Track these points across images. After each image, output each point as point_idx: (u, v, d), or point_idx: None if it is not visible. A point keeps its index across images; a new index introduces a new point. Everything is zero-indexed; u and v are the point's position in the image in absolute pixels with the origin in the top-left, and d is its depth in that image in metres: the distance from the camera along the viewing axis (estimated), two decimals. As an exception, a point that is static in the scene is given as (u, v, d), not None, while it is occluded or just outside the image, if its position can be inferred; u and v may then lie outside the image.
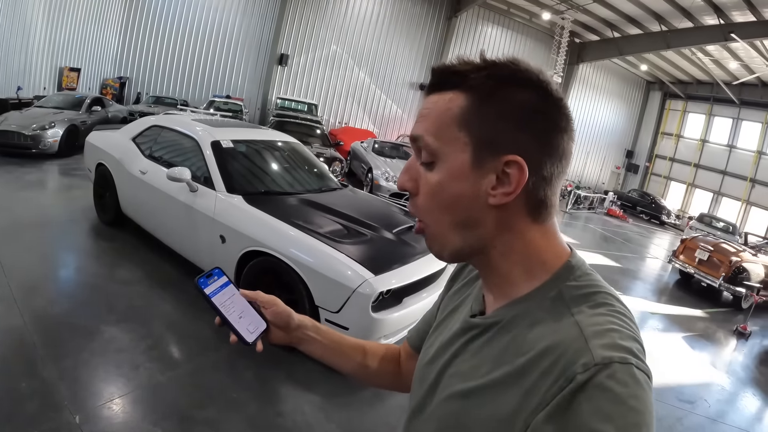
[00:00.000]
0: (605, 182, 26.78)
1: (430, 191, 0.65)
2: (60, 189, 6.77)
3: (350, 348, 0.99)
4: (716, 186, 23.20)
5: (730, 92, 21.09)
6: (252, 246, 3.22)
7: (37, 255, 4.22)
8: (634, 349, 0.55)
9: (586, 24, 20.49)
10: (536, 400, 0.55)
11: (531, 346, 0.59)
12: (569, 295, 0.63)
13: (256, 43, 18.86)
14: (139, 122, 5.20)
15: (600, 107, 25.70)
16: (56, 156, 8.36)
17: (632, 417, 0.49)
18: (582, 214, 16.82)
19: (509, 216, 0.64)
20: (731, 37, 14.55)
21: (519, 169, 0.61)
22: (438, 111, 0.64)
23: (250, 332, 0.86)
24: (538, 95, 0.62)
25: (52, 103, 9.70)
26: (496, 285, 0.69)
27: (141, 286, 3.91)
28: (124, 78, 16.98)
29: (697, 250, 8.89)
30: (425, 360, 0.80)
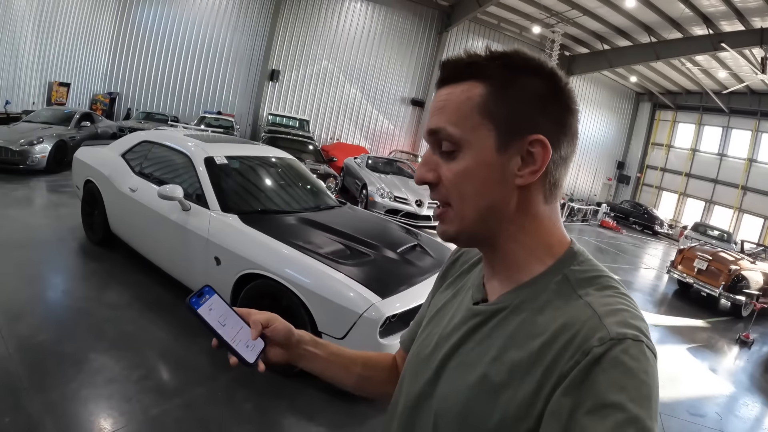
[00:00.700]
0: (597, 194, 26.82)
1: (455, 179, 0.66)
2: (48, 207, 6.56)
3: (349, 360, 0.96)
4: (708, 195, 23.36)
5: (720, 101, 21.31)
6: (249, 268, 3.06)
7: (23, 278, 4.02)
8: (643, 329, 0.58)
9: (576, 37, 20.65)
10: (555, 377, 0.57)
11: (544, 329, 0.61)
12: (574, 278, 0.65)
13: (247, 58, 18.83)
14: (129, 137, 5.04)
15: (590, 119, 25.84)
16: (44, 172, 8.17)
17: (644, 389, 0.53)
18: (576, 227, 16.81)
19: (528, 196, 0.67)
20: (721, 47, 14.68)
21: (543, 147, 0.64)
22: (457, 101, 0.66)
23: (249, 352, 0.81)
24: (550, 80, 0.65)
25: (40, 118, 9.53)
26: (503, 270, 0.71)
27: (131, 310, 3.72)
28: (114, 93, 16.84)
29: (695, 260, 8.90)
30: (423, 353, 0.78)
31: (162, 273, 4.07)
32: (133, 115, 16.02)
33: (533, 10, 18.66)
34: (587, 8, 17.39)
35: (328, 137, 20.24)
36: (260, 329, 0.83)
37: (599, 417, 0.51)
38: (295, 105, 19.78)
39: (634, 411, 0.51)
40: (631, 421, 0.50)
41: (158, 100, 17.97)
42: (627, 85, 25.78)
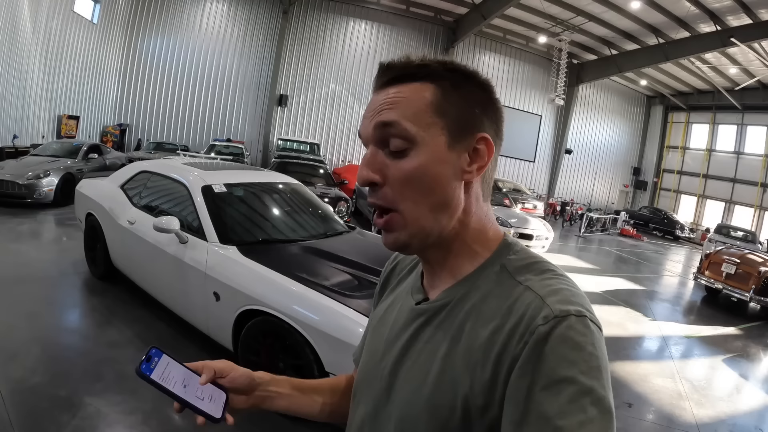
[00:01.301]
0: (614, 202, 26.46)
1: (406, 177, 0.66)
2: (53, 240, 6.48)
3: (312, 391, 0.95)
4: (727, 195, 22.96)
5: (732, 98, 21.01)
6: (249, 304, 2.84)
7: (22, 315, 3.87)
8: (585, 305, 0.60)
9: (583, 44, 20.51)
10: (508, 362, 0.58)
11: (490, 317, 0.63)
12: (512, 267, 0.68)
13: (254, 84, 19.00)
14: (128, 168, 4.92)
15: (603, 127, 25.61)
16: (52, 205, 8.15)
17: (593, 361, 0.55)
18: (596, 237, 16.41)
19: (471, 194, 0.70)
20: (731, 42, 14.41)
21: (487, 144, 0.69)
22: (410, 99, 0.67)
23: (214, 407, 0.78)
24: (487, 89, 0.71)
25: (48, 151, 9.58)
26: (444, 267, 0.72)
27: (131, 349, 3.53)
28: (124, 125, 17.02)
29: (723, 264, 8.59)
30: (371, 363, 0.78)
31: (164, 308, 3.90)
32: (144, 145, 16.12)
33: (538, 20, 18.56)
34: (592, 14, 17.26)
35: (339, 160, 20.21)
36: (212, 374, 0.80)
37: (554, 392, 0.53)
38: (305, 129, 19.84)
39: (586, 383, 0.53)
40: (585, 392, 0.53)
41: (168, 129, 18.13)
42: (637, 89, 25.50)
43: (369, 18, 20.00)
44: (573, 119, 23.80)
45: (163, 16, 17.41)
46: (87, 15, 14.32)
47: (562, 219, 19.00)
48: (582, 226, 16.14)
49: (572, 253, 12.11)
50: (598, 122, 25.38)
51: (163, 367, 0.77)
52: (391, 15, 20.12)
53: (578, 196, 24.67)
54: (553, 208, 20.39)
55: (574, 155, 24.61)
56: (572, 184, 25.44)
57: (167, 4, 17.41)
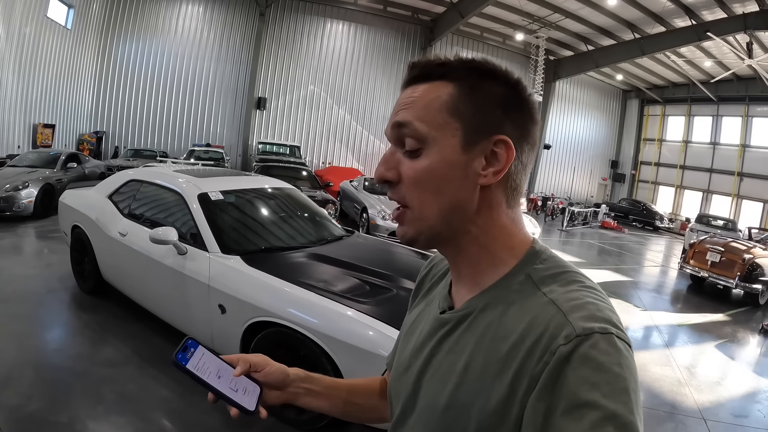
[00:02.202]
0: (594, 195, 26.84)
1: (417, 177, 0.66)
2: (36, 255, 6.24)
3: (346, 391, 0.95)
4: (704, 184, 23.39)
5: (707, 91, 21.40)
6: (258, 316, 2.73)
7: (10, 336, 3.69)
8: (613, 320, 0.57)
9: (560, 40, 20.71)
10: (526, 381, 0.55)
11: (510, 331, 0.60)
12: (537, 277, 0.65)
13: (232, 88, 18.75)
14: (116, 177, 4.73)
15: (580, 121, 25.92)
16: (32, 218, 7.88)
17: (618, 383, 0.51)
18: (578, 231, 16.64)
19: (490, 198, 0.67)
20: (707, 36, 14.68)
21: (507, 148, 0.65)
22: (426, 99, 0.66)
23: (248, 399, 0.78)
24: (515, 90, 0.67)
25: (25, 161, 9.28)
26: (467, 275, 0.71)
27: (131, 367, 3.39)
28: (100, 132, 16.63)
29: (707, 253, 8.84)
30: (400, 371, 0.78)
31: (160, 321, 3.76)
32: (121, 153, 15.78)
33: (516, 18, 18.67)
34: (569, 11, 17.41)
35: (320, 162, 20.09)
36: (246, 367, 0.81)
37: (575, 418, 0.50)
38: (284, 132, 19.65)
39: (610, 407, 0.49)
40: (609, 417, 0.49)
41: (146, 136, 17.77)
42: (613, 83, 25.88)
43: (346, 19, 19.88)
44: (551, 115, 24.04)
45: (138, 20, 17.03)
46: (61, 20, 13.91)
47: (544, 214, 19.18)
48: (564, 221, 16.33)
49: (556, 248, 12.20)
50: (576, 117, 25.68)
51: (198, 358, 0.77)
52: (369, 15, 20.03)
53: (558, 191, 24.98)
54: (535, 203, 20.57)
55: (553, 150, 24.83)
56: (552, 179, 25.70)
57: (142, 8, 17.04)
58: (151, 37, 17.32)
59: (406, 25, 20.62)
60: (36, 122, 13.31)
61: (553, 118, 24.45)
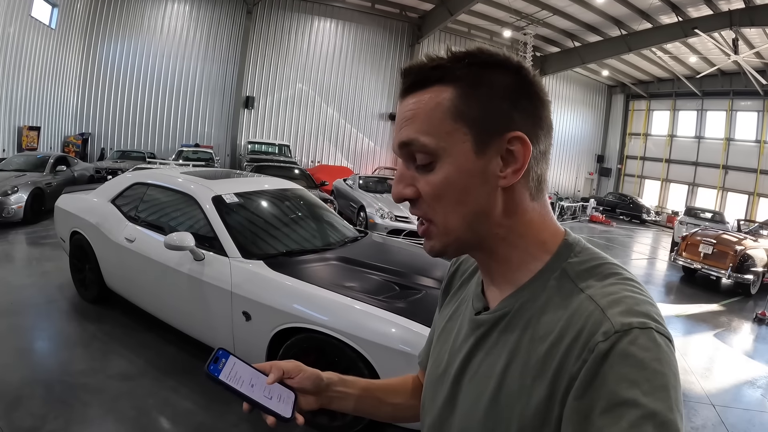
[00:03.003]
0: (580, 190, 27.09)
1: (435, 191, 0.63)
2: (31, 262, 6.02)
3: (381, 392, 0.93)
4: (690, 178, 23.74)
5: (692, 86, 21.69)
6: (288, 322, 2.62)
7: (14, 352, 3.51)
8: (652, 314, 0.55)
9: (547, 37, 20.80)
10: (566, 380, 0.54)
11: (549, 330, 0.59)
12: (573, 271, 0.62)
13: (219, 88, 18.48)
14: (117, 181, 4.57)
15: (566, 117, 26.11)
16: (22, 223, 7.61)
17: (658, 380, 0.50)
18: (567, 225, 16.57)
19: (514, 196, 0.64)
20: (693, 32, 14.84)
21: (522, 144, 0.61)
22: (426, 109, 0.62)
23: (284, 407, 0.77)
24: (518, 74, 0.63)
25: (12, 165, 8.98)
26: (500, 274, 0.68)
27: (147, 379, 3.24)
28: (86, 134, 16.26)
29: (700, 245, 9.01)
30: (437, 373, 0.76)
31: (171, 329, 3.61)
32: (108, 155, 15.45)
33: (503, 15, 18.68)
34: (557, 7, 17.49)
35: (309, 160, 19.92)
36: (280, 374, 0.80)
37: (614, 417, 0.49)
38: (273, 131, 19.44)
39: (650, 405, 0.48)
40: (648, 416, 0.48)
41: (132, 137, 17.43)
42: (599, 79, 26.12)
43: (334, 16, 19.72)
44: (538, 111, 24.12)
45: (123, 20, 16.65)
46: (45, 20, 13.51)
47: (533, 209, 19.25)
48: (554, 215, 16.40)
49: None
50: (562, 113, 25.84)
51: (230, 368, 0.77)
52: (356, 13, 19.90)
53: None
54: (523, 198, 20.62)
55: (541, 146, 24.94)
56: (540, 174, 25.80)
57: (127, 7, 16.65)
58: (137, 37, 16.96)
59: (394, 23, 20.53)
60: (21, 124, 12.94)
61: (540, 114, 24.54)
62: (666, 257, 12.20)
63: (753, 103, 20.95)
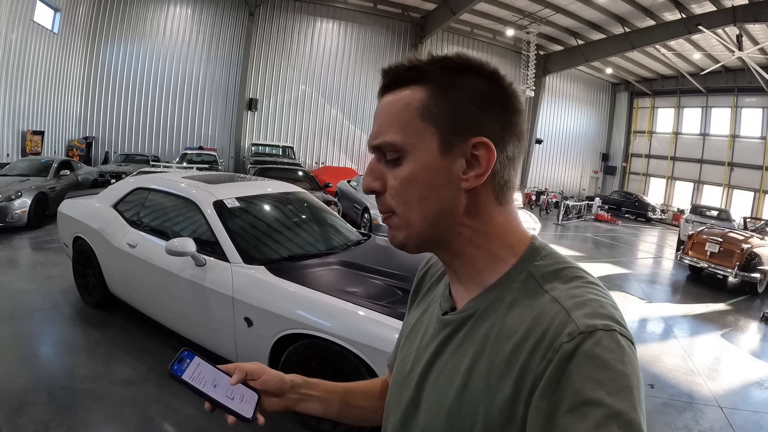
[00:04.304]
0: (585, 188, 27.01)
1: (400, 185, 0.65)
2: (34, 267, 6.03)
3: (348, 395, 0.94)
4: (695, 175, 23.59)
5: (696, 82, 21.55)
6: (290, 328, 2.60)
7: (17, 358, 3.52)
8: (616, 317, 0.56)
9: (550, 35, 20.72)
10: (530, 380, 0.55)
11: (514, 330, 0.59)
12: (539, 274, 0.64)
13: (223, 90, 18.50)
14: (119, 186, 4.57)
15: (571, 115, 26.02)
16: (26, 228, 7.65)
17: (622, 380, 0.51)
18: (572, 224, 16.73)
19: (478, 199, 0.65)
20: (697, 29, 14.75)
21: (487, 150, 0.63)
22: (397, 107, 0.65)
23: (245, 407, 0.79)
24: (492, 81, 0.65)
25: (16, 170, 9.01)
26: (466, 275, 0.69)
27: (150, 385, 3.23)
28: (90, 138, 16.30)
29: (706, 244, 8.93)
30: (403, 372, 0.77)
31: (174, 335, 3.60)
32: (112, 158, 15.49)
33: (506, 14, 18.64)
34: (559, 5, 17.41)
35: (314, 162, 19.91)
36: (243, 375, 0.81)
37: (579, 416, 0.49)
38: (277, 132, 19.44)
39: (615, 405, 0.49)
40: (613, 415, 0.49)
41: (136, 140, 17.48)
42: (603, 77, 25.99)
43: (336, 17, 19.70)
44: (541, 109, 24.08)
45: (126, 23, 16.70)
46: (47, 24, 13.57)
47: (538, 208, 19.25)
48: (560, 215, 16.38)
49: (553, 242, 12.29)
50: (566, 111, 25.77)
51: (194, 368, 0.79)
52: (359, 13, 19.88)
53: (550, 185, 25.07)
54: (529, 198, 20.59)
55: (545, 144, 24.92)
56: (544, 173, 25.78)
57: (129, 11, 16.71)
58: (140, 40, 17.01)
59: (397, 23, 20.50)
60: (24, 129, 13.00)
61: (544, 113, 24.49)
62: (672, 256, 12.12)
63: (758, 100, 20.76)
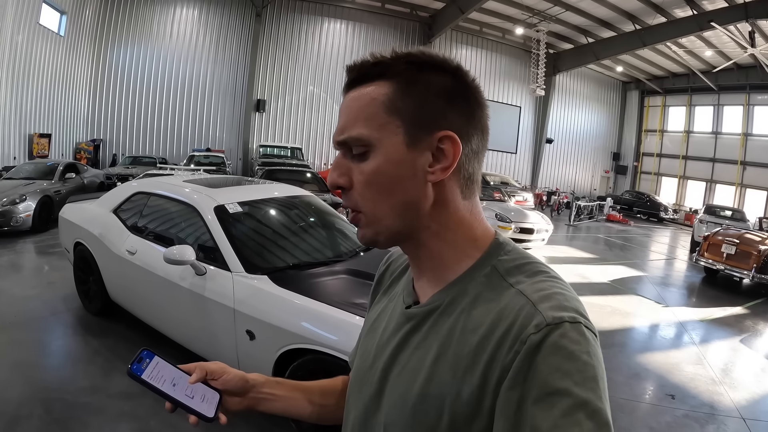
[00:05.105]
0: (596, 188, 26.73)
1: (366, 179, 0.65)
2: (37, 273, 5.93)
3: (307, 393, 0.93)
4: (707, 174, 23.26)
5: (708, 80, 21.21)
6: (293, 343, 2.44)
7: (14, 368, 3.40)
8: (581, 310, 0.57)
9: (559, 33, 20.51)
10: (498, 371, 0.55)
11: (480, 322, 0.60)
12: (503, 268, 0.65)
13: (230, 91, 18.45)
14: (119, 190, 4.44)
15: (581, 114, 25.78)
16: (30, 232, 7.59)
17: (588, 371, 0.52)
18: (584, 225, 16.50)
19: (444, 192, 0.66)
20: (709, 25, 14.49)
21: (453, 144, 0.64)
22: (363, 102, 0.65)
23: (207, 407, 0.77)
24: (456, 76, 0.66)
25: (21, 173, 8.97)
26: (431, 270, 0.70)
27: (149, 399, 3.05)
28: (97, 140, 16.31)
29: (722, 246, 8.70)
30: (363, 368, 0.76)
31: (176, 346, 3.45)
32: (120, 161, 15.47)
33: (515, 12, 18.46)
34: (569, 3, 17.23)
35: (322, 163, 19.81)
36: (203, 374, 0.80)
37: (546, 406, 0.50)
38: (285, 134, 19.36)
39: (581, 395, 0.50)
40: (580, 405, 0.50)
41: (144, 142, 17.46)
42: (613, 75, 25.71)
43: (344, 17, 19.61)
44: (552, 108, 23.87)
45: (132, 26, 16.70)
46: (53, 27, 13.58)
47: (549, 209, 19.02)
48: (571, 215, 16.16)
49: (568, 243, 12.21)
50: (577, 110, 25.53)
51: (153, 367, 0.78)
52: (366, 13, 19.77)
53: (561, 185, 24.82)
54: (540, 198, 20.35)
55: (555, 144, 24.70)
56: (555, 173, 25.55)
57: (135, 13, 16.71)
58: (146, 42, 17.00)
59: (405, 23, 20.37)
60: (31, 132, 12.99)
61: (554, 112, 24.29)
62: (685, 257, 11.94)
63: (771, 97, 20.41)
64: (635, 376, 4.36)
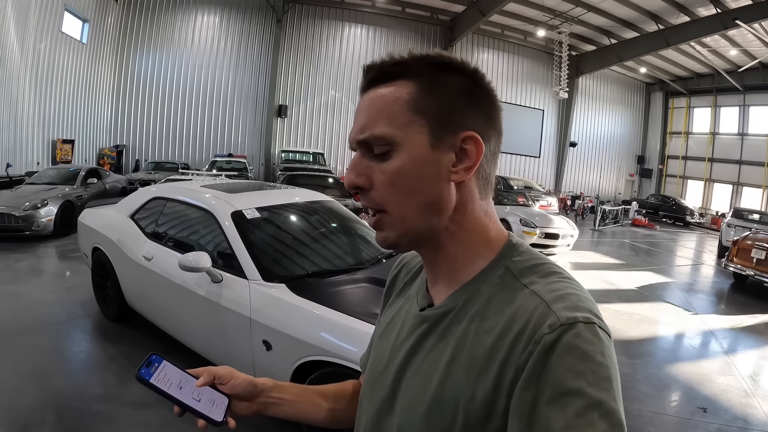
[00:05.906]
0: (621, 192, 26.24)
1: (390, 179, 0.64)
2: (56, 277, 5.95)
3: (316, 397, 0.92)
4: (734, 177, 22.70)
5: (733, 80, 20.68)
6: (311, 355, 2.32)
7: (30, 373, 3.36)
8: (594, 310, 0.57)
9: (581, 35, 20.21)
10: (512, 372, 0.55)
11: (494, 324, 0.60)
12: (516, 269, 0.65)
13: (252, 97, 18.58)
14: (137, 195, 4.39)
15: (605, 117, 25.41)
16: (52, 236, 7.67)
17: (602, 371, 0.52)
18: (609, 229, 16.15)
19: (464, 193, 0.66)
20: (734, 24, 14.10)
21: (476, 144, 0.64)
22: (386, 101, 0.64)
23: (215, 411, 0.77)
24: (474, 78, 0.66)
25: (44, 178, 9.09)
26: (445, 272, 0.69)
27: (163, 409, 2.99)
28: (120, 146, 16.56)
29: (752, 251, 8.38)
30: (377, 370, 0.76)
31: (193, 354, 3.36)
32: (142, 166, 15.64)
33: (536, 13, 18.24)
34: (591, 4, 16.97)
35: (344, 168, 19.78)
36: (210, 378, 0.79)
37: (560, 406, 0.50)
38: (307, 139, 19.42)
39: (595, 395, 0.50)
40: (593, 405, 0.50)
41: (166, 148, 17.67)
42: (636, 77, 25.28)
43: (364, 22, 19.61)
44: (575, 111, 23.51)
45: (154, 33, 16.95)
46: (76, 35, 13.84)
47: (574, 213, 18.67)
48: (596, 220, 15.85)
49: (593, 249, 11.95)
50: (600, 113, 25.14)
51: (162, 372, 0.78)
52: (387, 17, 19.74)
53: (586, 189, 24.43)
54: (564, 202, 20.00)
55: (579, 148, 24.33)
56: (578, 177, 25.17)
57: (157, 20, 16.95)
58: (168, 49, 17.23)
59: (426, 26, 20.29)
60: (55, 138, 13.22)
61: (577, 115, 23.94)
62: (713, 262, 11.59)
63: (798, 96, 19.78)
64: (665, 388, 4.16)
